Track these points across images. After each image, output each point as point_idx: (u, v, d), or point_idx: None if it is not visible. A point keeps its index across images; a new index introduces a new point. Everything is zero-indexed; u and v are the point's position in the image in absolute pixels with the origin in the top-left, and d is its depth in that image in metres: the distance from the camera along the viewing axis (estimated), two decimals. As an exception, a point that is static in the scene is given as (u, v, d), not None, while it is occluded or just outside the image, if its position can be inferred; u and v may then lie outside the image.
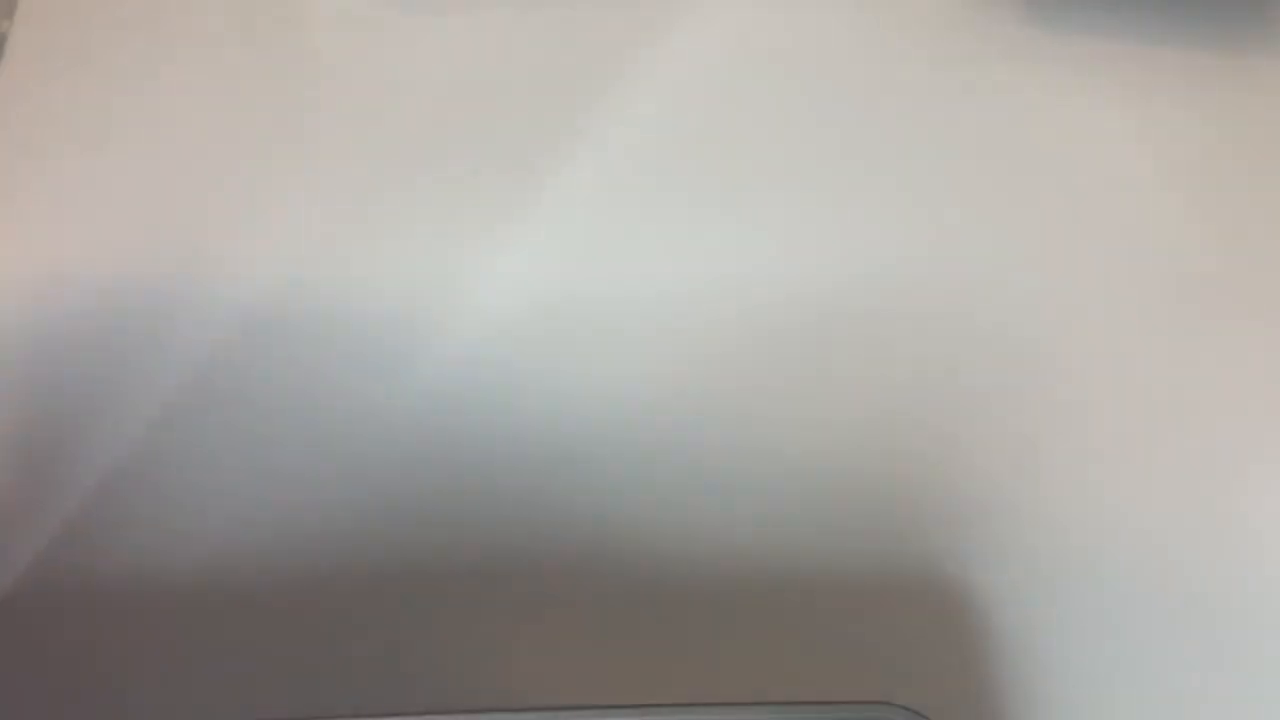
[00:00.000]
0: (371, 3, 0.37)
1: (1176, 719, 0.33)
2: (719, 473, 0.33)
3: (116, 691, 0.32)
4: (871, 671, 0.33)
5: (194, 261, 0.34)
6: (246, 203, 0.35)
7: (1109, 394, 0.34)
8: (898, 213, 0.35)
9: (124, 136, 0.36)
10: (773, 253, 0.35)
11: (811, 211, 0.35)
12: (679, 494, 0.33)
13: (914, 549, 0.34)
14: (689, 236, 0.35)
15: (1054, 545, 0.34)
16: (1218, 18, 0.36)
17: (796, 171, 0.36)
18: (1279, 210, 0.35)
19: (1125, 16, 0.36)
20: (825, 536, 0.34)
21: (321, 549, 0.32)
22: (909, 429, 0.34)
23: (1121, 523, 0.34)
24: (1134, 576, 0.34)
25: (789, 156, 0.36)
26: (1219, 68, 0.36)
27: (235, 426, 0.33)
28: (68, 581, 0.32)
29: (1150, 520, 0.34)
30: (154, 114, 0.36)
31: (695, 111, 0.37)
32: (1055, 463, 0.34)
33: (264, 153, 0.35)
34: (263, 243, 0.34)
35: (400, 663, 0.32)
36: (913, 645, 0.33)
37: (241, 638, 0.32)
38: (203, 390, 0.33)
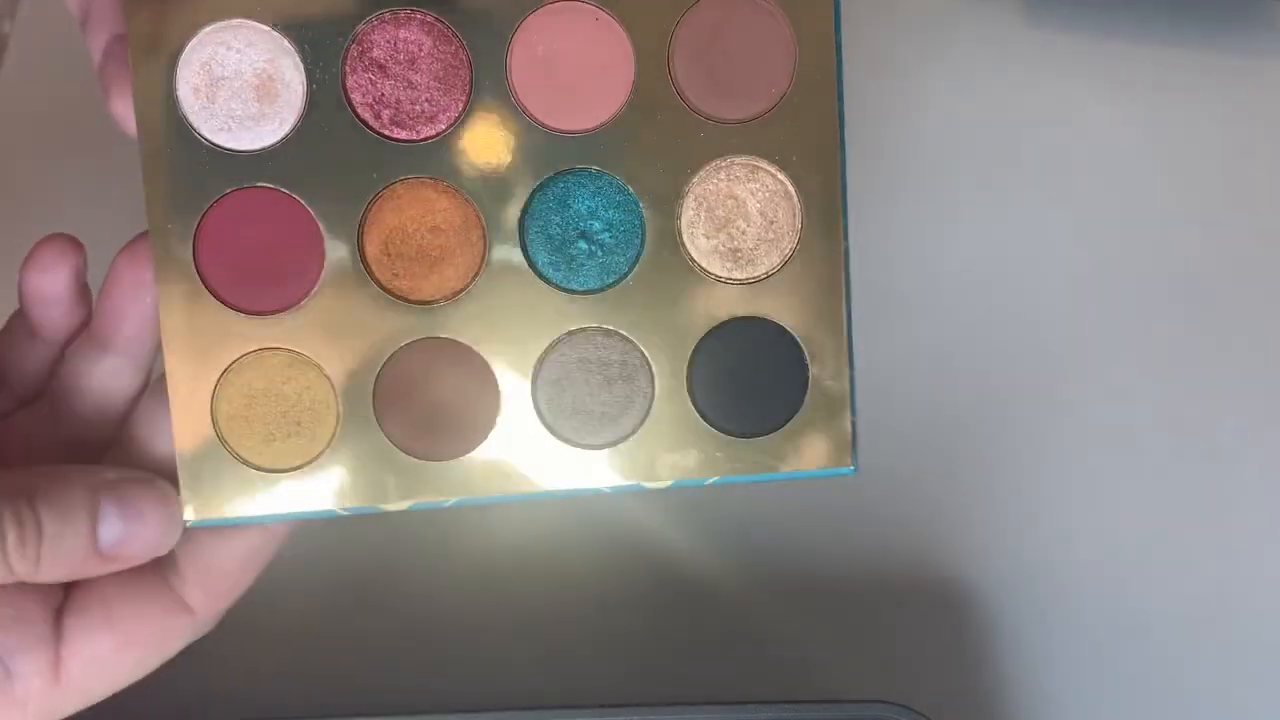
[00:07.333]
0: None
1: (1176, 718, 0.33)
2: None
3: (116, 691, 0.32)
4: (872, 671, 0.33)
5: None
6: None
7: (1109, 393, 0.34)
8: (893, 211, 0.35)
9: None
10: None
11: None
12: (679, 493, 0.33)
13: (916, 549, 0.34)
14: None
15: (1054, 546, 0.34)
16: (1217, 18, 0.36)
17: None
18: (1278, 209, 0.35)
19: (1125, 16, 0.36)
20: (827, 537, 0.34)
21: (322, 550, 0.32)
22: (909, 427, 0.34)
23: (1123, 522, 0.34)
24: (1135, 577, 0.34)
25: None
26: (1219, 68, 0.36)
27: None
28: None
29: (1151, 520, 0.34)
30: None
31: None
32: (1057, 463, 0.34)
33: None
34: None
35: (401, 663, 0.32)
36: (913, 645, 0.33)
37: (241, 637, 0.32)
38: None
